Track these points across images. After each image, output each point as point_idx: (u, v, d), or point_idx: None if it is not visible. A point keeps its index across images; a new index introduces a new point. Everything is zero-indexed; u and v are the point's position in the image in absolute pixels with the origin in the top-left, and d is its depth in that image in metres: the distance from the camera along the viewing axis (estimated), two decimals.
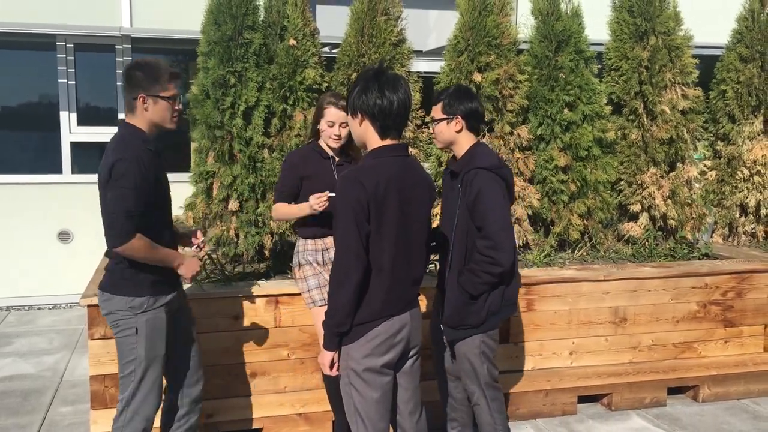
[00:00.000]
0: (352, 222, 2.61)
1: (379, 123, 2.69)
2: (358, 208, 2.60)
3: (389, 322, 2.74)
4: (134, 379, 3.04)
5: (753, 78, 5.60)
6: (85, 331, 3.74)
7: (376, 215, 2.63)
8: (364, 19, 4.68)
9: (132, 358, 3.03)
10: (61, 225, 6.93)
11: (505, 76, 4.77)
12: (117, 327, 3.05)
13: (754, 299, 4.83)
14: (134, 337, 3.01)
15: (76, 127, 6.96)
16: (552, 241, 5.03)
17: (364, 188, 2.60)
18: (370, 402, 2.75)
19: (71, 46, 6.85)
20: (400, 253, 2.72)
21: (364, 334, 2.72)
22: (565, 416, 4.53)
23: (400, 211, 2.68)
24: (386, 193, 2.64)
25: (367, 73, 2.74)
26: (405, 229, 2.72)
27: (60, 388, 4.88)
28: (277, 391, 4.01)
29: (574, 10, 5.06)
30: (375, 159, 2.69)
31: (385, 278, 2.70)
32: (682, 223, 5.26)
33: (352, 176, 2.64)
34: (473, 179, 3.19)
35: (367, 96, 2.68)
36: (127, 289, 3.01)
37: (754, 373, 4.88)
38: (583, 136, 4.89)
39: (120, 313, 3.01)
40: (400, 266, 2.73)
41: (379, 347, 2.73)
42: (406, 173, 2.73)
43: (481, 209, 3.15)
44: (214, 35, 4.66)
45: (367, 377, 2.73)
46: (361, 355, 2.72)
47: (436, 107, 3.37)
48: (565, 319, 4.48)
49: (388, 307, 2.73)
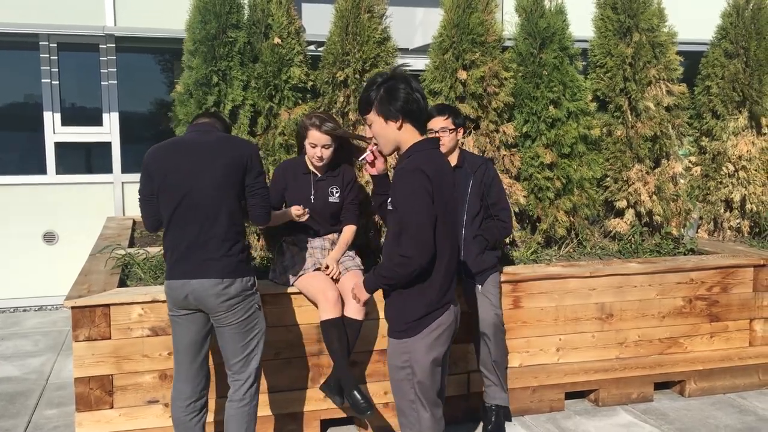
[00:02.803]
0: (423, 208, 2.72)
1: (418, 122, 2.87)
2: (426, 195, 2.73)
3: (447, 312, 2.87)
4: (257, 352, 3.32)
5: (737, 74, 5.63)
6: (71, 333, 3.71)
7: (438, 202, 2.77)
8: (348, 17, 4.66)
9: (257, 332, 3.30)
10: (47, 226, 6.88)
11: (490, 74, 4.77)
12: (241, 308, 3.22)
13: (739, 294, 4.86)
14: (258, 312, 3.30)
15: (60, 128, 6.91)
16: (539, 237, 5.03)
17: (426, 177, 2.74)
18: (428, 388, 2.87)
19: (54, 46, 6.80)
20: (451, 239, 2.87)
21: (427, 326, 2.82)
22: (553, 412, 4.54)
23: (449, 199, 2.84)
24: (440, 181, 2.79)
25: (394, 78, 2.84)
26: (452, 216, 2.89)
27: (45, 391, 4.85)
28: (263, 392, 3.99)
29: (558, 7, 5.06)
30: (423, 150, 2.84)
31: (442, 265, 2.82)
32: (667, 218, 5.28)
33: (411, 167, 2.76)
34: (488, 167, 4.09)
35: (407, 98, 2.81)
36: (245, 271, 3.23)
37: (739, 367, 4.92)
38: (568, 133, 4.90)
39: (244, 293, 3.21)
40: (452, 252, 2.88)
41: (440, 337, 2.86)
42: (445, 164, 2.93)
43: (497, 190, 4.11)
44: (198, 34, 4.63)
45: (433, 369, 2.86)
46: (426, 348, 2.83)
47: (446, 118, 3.95)
48: (552, 316, 4.49)
49: (444, 295, 2.86)
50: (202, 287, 3.13)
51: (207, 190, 3.14)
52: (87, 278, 4.14)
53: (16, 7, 6.60)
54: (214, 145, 3.22)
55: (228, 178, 3.17)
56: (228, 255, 3.16)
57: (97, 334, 3.71)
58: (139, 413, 3.81)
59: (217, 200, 3.15)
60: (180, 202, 3.15)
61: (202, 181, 3.14)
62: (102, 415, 3.76)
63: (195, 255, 3.15)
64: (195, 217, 3.15)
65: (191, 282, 3.14)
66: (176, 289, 3.19)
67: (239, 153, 3.21)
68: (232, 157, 3.18)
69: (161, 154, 3.25)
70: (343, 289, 3.77)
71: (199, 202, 3.14)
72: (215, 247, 3.15)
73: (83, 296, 3.73)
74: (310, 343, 4.02)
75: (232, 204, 3.19)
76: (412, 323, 2.82)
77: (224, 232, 3.16)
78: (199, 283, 3.14)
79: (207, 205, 3.14)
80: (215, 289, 3.13)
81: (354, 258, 3.98)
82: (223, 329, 3.24)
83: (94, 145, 7.07)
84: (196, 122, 3.45)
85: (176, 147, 3.27)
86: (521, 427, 4.35)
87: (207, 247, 3.15)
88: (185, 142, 3.29)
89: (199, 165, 3.15)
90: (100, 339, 3.72)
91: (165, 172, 3.19)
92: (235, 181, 3.19)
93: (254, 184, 3.23)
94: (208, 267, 3.13)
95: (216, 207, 3.15)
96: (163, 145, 3.30)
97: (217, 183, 3.15)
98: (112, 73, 6.92)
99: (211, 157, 3.17)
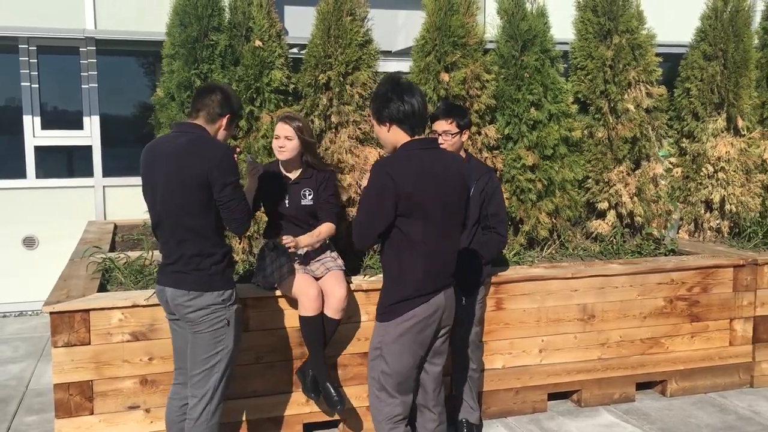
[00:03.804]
0: (368, 207, 3.02)
1: (406, 125, 3.08)
2: (378, 196, 2.97)
3: (426, 304, 3.06)
4: (218, 370, 3.21)
5: (716, 76, 5.68)
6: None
7: (412, 202, 2.96)
8: (329, 20, 4.65)
9: (222, 348, 3.20)
10: (27, 231, 6.80)
11: (472, 76, 4.78)
12: (206, 322, 3.17)
13: (719, 294, 4.90)
14: (225, 328, 3.20)
15: (40, 131, 6.84)
16: (521, 239, 5.05)
17: (389, 177, 2.95)
18: (395, 373, 3.08)
19: (34, 49, 6.73)
20: (433, 232, 3.03)
21: (401, 314, 3.05)
22: (536, 414, 4.56)
23: (432, 196, 3.00)
24: (416, 181, 2.96)
25: (385, 85, 3.12)
26: (437, 211, 3.02)
27: (25, 397, 4.79)
28: (246, 396, 3.97)
29: (540, 10, 5.09)
30: (405, 151, 3.07)
31: (419, 261, 3.02)
32: (648, 219, 5.32)
33: (377, 166, 3.03)
34: (491, 177, 4.06)
35: (391, 105, 3.06)
36: (217, 285, 3.19)
37: (720, 366, 4.96)
38: (550, 135, 4.92)
39: (212, 307, 3.16)
40: (434, 246, 3.05)
41: (414, 328, 3.06)
42: (435, 162, 3.06)
43: (497, 200, 4.07)
44: (179, 37, 4.62)
45: (403, 357, 3.07)
46: (396, 335, 3.06)
47: (450, 122, 3.94)
48: (535, 317, 4.51)
49: (421, 290, 3.04)
50: (173, 296, 3.20)
51: (174, 211, 3.14)
52: (66, 283, 4.10)
53: None
54: (180, 156, 3.11)
55: (192, 197, 3.10)
56: (198, 269, 3.15)
57: (76, 340, 3.67)
58: (120, 419, 3.78)
59: (182, 221, 3.13)
60: (156, 219, 3.23)
61: (170, 201, 3.13)
62: (82, 422, 3.72)
63: (168, 268, 3.24)
64: (169, 235, 3.20)
65: (166, 289, 3.23)
66: (159, 294, 3.32)
67: (201, 168, 3.07)
68: (191, 176, 3.08)
69: (144, 160, 3.25)
70: (325, 288, 3.79)
71: (168, 223, 3.17)
72: (184, 264, 3.17)
73: (62, 301, 3.69)
74: (292, 347, 4.01)
75: (200, 222, 3.13)
76: (388, 308, 3.09)
77: (193, 249, 3.15)
78: (171, 292, 3.20)
79: (174, 227, 3.16)
80: (181, 300, 3.16)
81: (336, 259, 3.98)
82: (192, 337, 3.24)
83: (74, 149, 7.01)
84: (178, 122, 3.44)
85: (156, 156, 3.20)
86: (504, 429, 4.36)
87: (177, 264, 3.19)
88: (159, 153, 3.20)
89: (168, 185, 3.12)
90: (80, 344, 3.68)
91: (146, 182, 3.24)
92: (200, 199, 3.11)
93: (221, 198, 3.12)
94: (179, 278, 3.18)
95: (183, 228, 3.14)
96: (149, 148, 3.27)
97: (180, 204, 3.12)
98: (92, 77, 6.86)
99: (175, 174, 3.10)
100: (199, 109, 3.25)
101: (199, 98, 3.28)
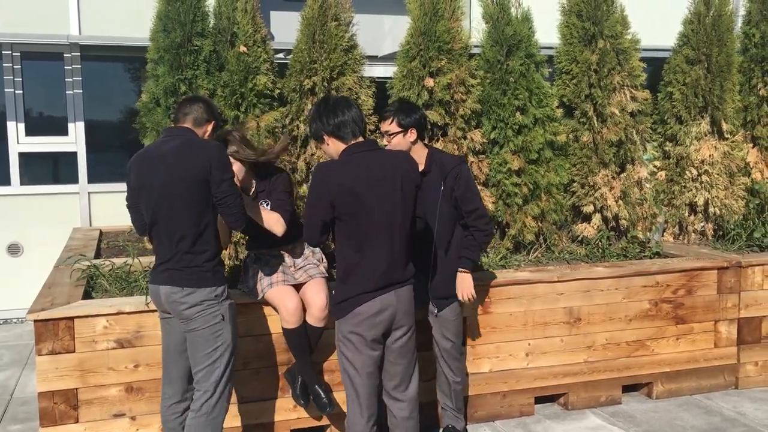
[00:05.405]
0: (308, 208, 3.23)
1: (340, 134, 3.25)
2: (315, 196, 3.17)
3: (370, 302, 3.18)
4: (220, 365, 3.28)
5: (699, 80, 5.73)
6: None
7: (342, 200, 3.12)
8: (314, 25, 4.66)
9: (221, 343, 3.27)
10: (11, 238, 6.75)
11: (457, 81, 4.80)
12: (201, 318, 3.23)
13: (703, 296, 4.94)
14: (221, 323, 3.27)
15: (24, 138, 6.79)
16: (507, 243, 5.07)
17: (323, 181, 3.15)
18: (356, 364, 3.24)
19: (18, 55, 6.69)
20: (375, 233, 3.16)
21: (349, 311, 3.20)
22: (523, 417, 4.57)
23: (370, 195, 3.13)
24: (353, 181, 3.12)
25: (315, 106, 3.35)
26: (376, 211, 3.15)
27: (10, 406, 4.75)
28: (233, 403, 3.95)
29: (524, 15, 5.12)
30: (344, 156, 3.23)
31: (361, 256, 3.16)
32: (633, 222, 5.35)
33: (318, 171, 3.21)
34: (459, 173, 3.84)
35: (322, 120, 3.26)
36: (209, 281, 3.26)
37: (705, 368, 4.99)
38: (535, 139, 4.94)
39: (205, 303, 3.22)
40: (378, 244, 3.17)
41: (361, 324, 3.19)
42: (374, 163, 3.20)
43: (470, 196, 3.85)
44: (163, 42, 4.61)
45: (359, 349, 3.21)
46: (347, 330, 3.24)
47: (390, 122, 3.80)
48: (521, 321, 4.52)
49: (365, 289, 3.17)
50: (167, 294, 3.25)
51: (171, 212, 3.20)
52: (51, 290, 4.07)
53: None
54: (177, 157, 3.19)
55: (191, 197, 3.18)
56: (190, 266, 3.23)
57: (60, 348, 3.65)
58: (105, 427, 3.76)
59: (178, 220, 3.20)
60: (152, 219, 3.26)
61: (167, 203, 3.19)
62: (67, 430, 3.69)
63: (164, 266, 3.29)
64: (164, 234, 3.25)
65: (161, 288, 3.28)
66: (153, 293, 3.36)
67: (199, 167, 3.17)
68: (191, 175, 3.17)
69: (136, 168, 3.29)
70: (305, 297, 3.78)
71: (165, 223, 3.23)
72: (177, 261, 3.24)
73: (46, 309, 3.67)
74: (279, 352, 4.00)
75: (195, 220, 3.21)
76: (335, 306, 3.32)
77: (189, 247, 3.23)
78: (166, 290, 3.26)
79: (171, 226, 3.22)
80: (176, 296, 3.22)
81: (318, 265, 3.96)
82: (189, 335, 3.29)
83: (59, 155, 6.96)
84: (169, 127, 3.50)
85: (150, 160, 3.26)
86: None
87: (171, 262, 3.25)
88: (153, 156, 3.26)
89: (165, 187, 3.19)
90: (64, 352, 3.66)
91: (140, 187, 3.27)
92: (199, 199, 3.20)
93: (218, 193, 3.22)
94: (173, 276, 3.24)
95: (179, 227, 3.21)
96: (139, 155, 3.33)
97: (179, 204, 3.19)
98: (77, 82, 6.83)
99: (172, 174, 3.17)
100: (187, 114, 3.36)
101: (185, 105, 3.40)
